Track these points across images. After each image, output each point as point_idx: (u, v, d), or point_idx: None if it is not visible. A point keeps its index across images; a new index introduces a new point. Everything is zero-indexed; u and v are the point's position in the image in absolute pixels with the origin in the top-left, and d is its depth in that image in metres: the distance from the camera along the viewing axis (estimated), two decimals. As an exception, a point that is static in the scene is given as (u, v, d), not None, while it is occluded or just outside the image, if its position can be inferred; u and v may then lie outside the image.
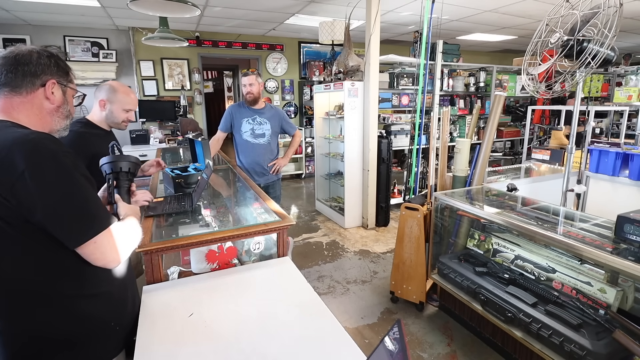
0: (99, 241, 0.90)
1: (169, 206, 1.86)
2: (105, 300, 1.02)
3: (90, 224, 0.89)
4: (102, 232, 0.90)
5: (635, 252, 1.50)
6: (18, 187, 0.81)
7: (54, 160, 0.85)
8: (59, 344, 0.95)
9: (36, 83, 0.95)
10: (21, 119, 0.94)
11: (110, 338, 1.05)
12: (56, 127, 1.02)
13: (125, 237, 0.98)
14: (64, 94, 1.02)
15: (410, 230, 2.45)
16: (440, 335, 2.27)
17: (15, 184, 0.80)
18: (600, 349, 1.49)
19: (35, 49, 0.97)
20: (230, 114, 2.87)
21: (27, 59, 0.94)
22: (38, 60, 0.95)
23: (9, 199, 0.81)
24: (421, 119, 3.21)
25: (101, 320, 1.01)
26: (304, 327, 1.11)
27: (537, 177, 3.17)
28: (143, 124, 5.66)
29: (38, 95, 0.96)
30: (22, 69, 0.93)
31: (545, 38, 2.01)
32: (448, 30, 5.78)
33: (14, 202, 0.81)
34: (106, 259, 0.92)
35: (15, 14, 4.42)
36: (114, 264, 0.95)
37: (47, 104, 0.98)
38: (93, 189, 0.95)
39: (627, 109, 4.32)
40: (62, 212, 0.85)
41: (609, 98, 6.14)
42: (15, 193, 0.81)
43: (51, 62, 0.98)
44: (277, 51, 6.42)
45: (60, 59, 1.01)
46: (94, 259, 0.91)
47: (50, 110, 0.99)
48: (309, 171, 6.58)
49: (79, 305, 0.96)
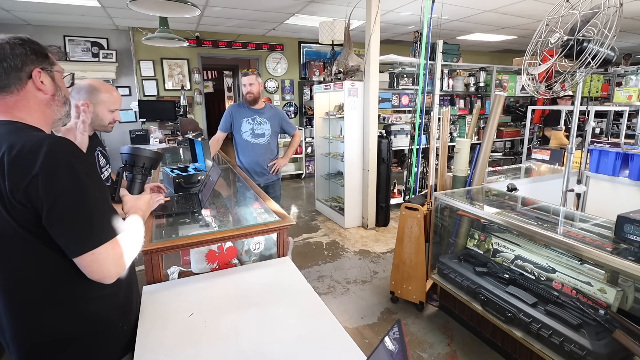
0: (98, 253, 0.85)
1: (177, 206, 1.88)
2: (113, 300, 1.01)
3: (91, 235, 0.85)
4: (102, 245, 0.85)
5: (635, 252, 1.50)
6: (29, 190, 0.80)
7: (67, 166, 0.83)
8: (68, 345, 0.94)
9: (22, 77, 0.89)
10: (24, 117, 0.90)
11: (119, 338, 1.05)
12: (57, 116, 0.98)
13: (126, 250, 0.92)
14: (53, 80, 0.95)
15: (410, 230, 2.45)
16: (440, 335, 2.27)
17: (27, 187, 0.79)
18: (600, 349, 1.49)
19: (4, 39, 0.87)
20: (230, 113, 2.87)
21: (0, 54, 0.86)
22: (13, 52, 0.87)
23: (24, 202, 0.80)
24: (421, 119, 3.21)
25: (109, 321, 1.01)
26: (304, 327, 1.11)
27: (537, 177, 3.17)
28: (143, 124, 5.66)
29: (29, 89, 0.91)
30: (2, 65, 0.86)
31: (545, 38, 2.01)
32: (448, 30, 5.77)
33: (29, 205, 0.80)
34: (103, 272, 0.86)
35: (15, 14, 4.42)
36: (109, 280, 0.88)
37: (41, 95, 0.93)
38: (105, 197, 0.91)
39: (627, 109, 4.32)
40: (64, 220, 0.83)
41: (609, 98, 6.14)
42: (28, 196, 0.80)
43: (26, 49, 0.89)
44: (277, 51, 6.42)
45: (33, 43, 0.92)
46: (90, 271, 0.85)
47: (46, 101, 0.94)
48: (309, 171, 6.58)
49: (88, 306, 0.95)
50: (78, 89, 1.58)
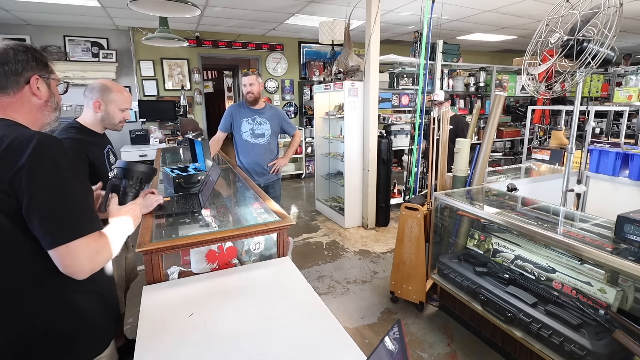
0: (72, 247, 0.86)
1: (177, 206, 1.88)
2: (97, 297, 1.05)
3: (67, 228, 0.86)
4: (77, 239, 0.86)
5: (635, 252, 1.50)
6: (13, 180, 0.83)
7: (52, 160, 0.86)
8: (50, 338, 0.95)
9: (20, 82, 0.94)
10: (16, 117, 0.95)
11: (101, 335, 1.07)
12: (47, 121, 1.03)
13: (102, 248, 0.93)
14: (48, 87, 1.01)
15: (410, 230, 2.45)
16: (440, 335, 2.27)
17: (13, 177, 0.83)
18: (600, 349, 1.49)
19: (9, 45, 0.94)
20: (230, 114, 2.87)
21: (3, 58, 0.92)
22: (15, 57, 0.93)
23: (8, 192, 0.83)
24: (421, 119, 3.20)
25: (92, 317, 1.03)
26: (304, 327, 1.11)
27: (537, 177, 3.17)
28: (143, 124, 5.66)
29: (25, 93, 0.96)
30: (3, 68, 0.92)
31: (545, 38, 2.01)
32: (448, 30, 5.77)
33: (12, 195, 0.84)
34: (74, 267, 0.87)
35: (15, 14, 4.42)
36: (81, 275, 0.89)
37: (35, 100, 0.98)
38: (86, 196, 0.94)
39: (627, 109, 4.32)
40: (43, 212, 0.84)
41: (609, 98, 6.14)
42: (12, 185, 0.83)
43: (28, 57, 0.95)
44: (277, 51, 6.42)
45: (35, 51, 0.98)
46: (63, 264, 0.86)
47: (39, 105, 0.99)
48: (309, 171, 6.58)
49: (73, 300, 0.97)
50: (91, 88, 1.64)
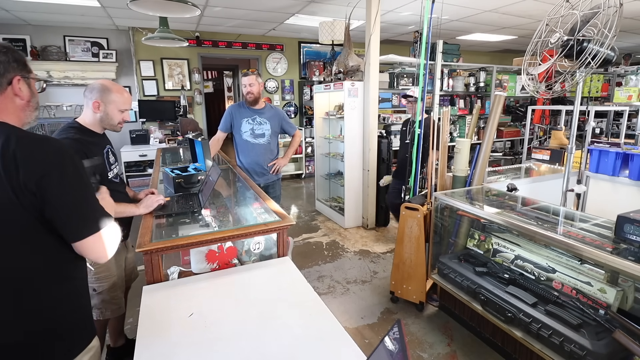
0: (97, 237, 0.99)
1: (177, 206, 1.88)
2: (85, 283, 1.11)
3: (93, 223, 0.99)
4: (99, 231, 0.99)
5: (635, 252, 1.50)
6: (43, 182, 0.88)
7: (72, 161, 0.95)
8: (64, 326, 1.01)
9: (2, 83, 0.95)
10: (3, 118, 0.95)
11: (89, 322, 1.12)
12: (28, 120, 1.04)
13: (116, 235, 1.07)
14: (29, 87, 1.02)
15: (410, 230, 2.45)
16: (440, 335, 2.27)
17: (42, 178, 0.88)
18: (600, 349, 1.49)
19: None
20: (230, 114, 2.87)
21: None
22: None
23: (34, 192, 0.88)
24: (421, 118, 3.19)
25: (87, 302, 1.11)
26: (304, 327, 1.11)
27: (537, 177, 3.17)
28: (143, 124, 5.65)
29: (8, 94, 0.96)
30: None
31: (545, 38, 2.01)
32: (448, 30, 5.77)
33: (38, 195, 0.88)
34: (100, 252, 1.01)
35: (15, 14, 4.42)
36: (104, 260, 1.03)
37: (18, 100, 0.99)
38: (94, 192, 1.05)
39: (627, 109, 4.32)
40: (72, 209, 0.94)
41: (609, 98, 6.14)
42: (40, 187, 0.88)
43: (9, 58, 0.95)
44: (277, 51, 6.41)
45: (14, 50, 0.98)
46: (91, 252, 0.99)
47: (22, 106, 1.00)
48: (309, 171, 6.58)
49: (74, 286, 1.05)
50: (91, 89, 1.62)
